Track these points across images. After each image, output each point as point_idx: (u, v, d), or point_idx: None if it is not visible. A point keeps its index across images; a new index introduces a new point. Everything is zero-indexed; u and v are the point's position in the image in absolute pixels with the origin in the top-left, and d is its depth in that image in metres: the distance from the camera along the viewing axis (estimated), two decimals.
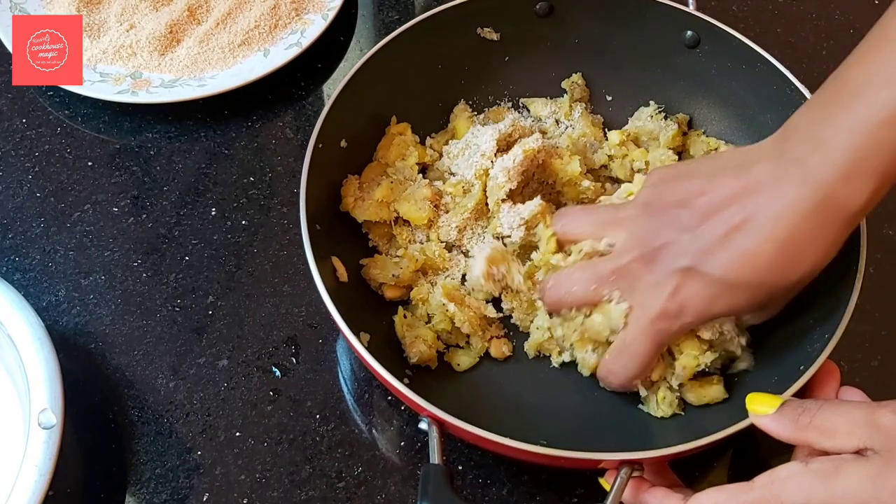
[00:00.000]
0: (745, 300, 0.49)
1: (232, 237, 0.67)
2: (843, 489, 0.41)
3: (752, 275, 0.48)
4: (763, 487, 0.43)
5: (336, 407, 0.60)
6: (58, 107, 0.75)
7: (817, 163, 0.46)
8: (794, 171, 0.46)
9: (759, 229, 0.47)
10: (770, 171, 0.48)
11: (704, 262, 0.48)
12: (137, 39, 0.75)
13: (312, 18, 0.77)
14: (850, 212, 0.46)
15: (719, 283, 0.48)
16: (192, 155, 0.72)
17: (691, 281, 0.49)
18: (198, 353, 0.62)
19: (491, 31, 0.69)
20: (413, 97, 0.68)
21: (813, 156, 0.46)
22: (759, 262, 0.47)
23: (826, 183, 0.46)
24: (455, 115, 0.68)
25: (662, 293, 0.50)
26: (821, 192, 0.46)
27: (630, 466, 0.48)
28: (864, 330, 0.62)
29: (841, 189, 0.45)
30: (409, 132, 0.66)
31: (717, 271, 0.48)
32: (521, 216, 0.58)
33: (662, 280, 0.50)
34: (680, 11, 0.66)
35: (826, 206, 0.46)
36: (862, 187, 0.45)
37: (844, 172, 0.45)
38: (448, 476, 0.47)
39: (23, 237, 0.67)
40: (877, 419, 0.42)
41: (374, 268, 0.60)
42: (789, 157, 0.47)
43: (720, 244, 0.48)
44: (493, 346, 0.59)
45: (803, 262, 0.47)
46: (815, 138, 0.46)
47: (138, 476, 0.57)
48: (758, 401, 0.47)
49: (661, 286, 0.50)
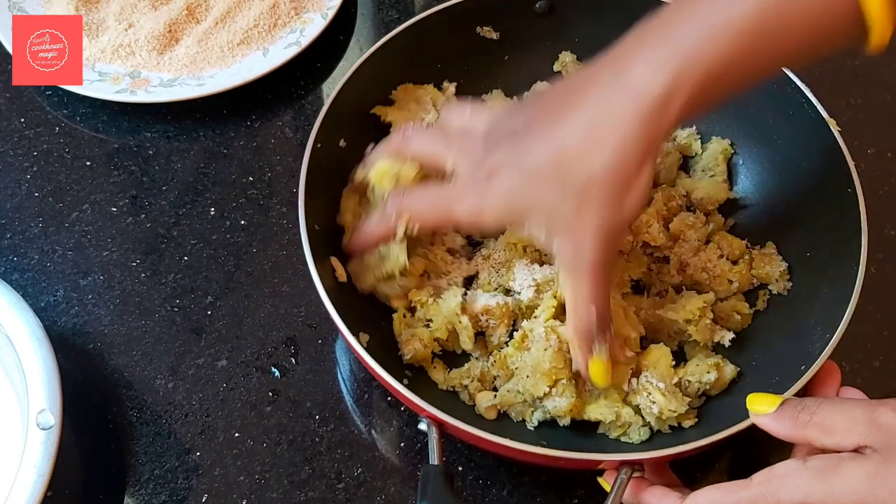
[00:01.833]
0: (541, 195, 0.46)
1: (231, 237, 0.67)
2: (842, 487, 0.41)
3: (546, 158, 0.46)
4: (761, 485, 0.43)
5: (335, 408, 0.60)
6: (56, 106, 0.74)
7: (630, 56, 0.45)
8: (612, 63, 0.46)
9: (563, 116, 0.46)
10: (590, 72, 0.47)
11: (519, 153, 0.47)
12: (136, 38, 0.75)
13: (312, 17, 0.77)
14: (645, 97, 0.43)
15: (522, 172, 0.47)
16: (190, 154, 0.72)
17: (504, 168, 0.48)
18: (197, 353, 0.62)
19: (490, 30, 0.69)
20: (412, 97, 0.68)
21: (630, 50, 0.45)
22: (554, 145, 0.46)
23: (625, 64, 0.44)
24: None
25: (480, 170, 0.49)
26: (618, 70, 0.45)
27: (630, 467, 0.48)
28: (866, 331, 0.62)
29: (638, 70, 0.44)
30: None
31: (524, 161, 0.47)
32: (534, 277, 0.58)
33: (486, 160, 0.49)
34: None
35: (620, 85, 0.44)
36: (656, 68, 0.43)
37: (645, 56, 0.44)
38: (448, 477, 0.47)
39: (21, 237, 0.67)
40: (876, 417, 0.42)
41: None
42: (617, 54, 0.46)
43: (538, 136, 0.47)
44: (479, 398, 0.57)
45: (594, 152, 0.45)
46: (636, 37, 0.46)
47: (137, 477, 0.57)
48: (758, 401, 0.47)
49: (482, 163, 0.49)
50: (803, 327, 0.56)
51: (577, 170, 0.45)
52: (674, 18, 0.45)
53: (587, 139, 0.45)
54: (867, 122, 0.73)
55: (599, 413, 0.54)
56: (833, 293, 0.54)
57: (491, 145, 0.50)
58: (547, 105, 0.49)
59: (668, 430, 0.54)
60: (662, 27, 0.45)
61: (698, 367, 0.55)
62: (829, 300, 0.54)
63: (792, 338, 0.56)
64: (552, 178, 0.46)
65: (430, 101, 0.66)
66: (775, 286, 0.60)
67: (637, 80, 0.44)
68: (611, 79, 0.45)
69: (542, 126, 0.47)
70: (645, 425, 0.54)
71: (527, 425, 0.55)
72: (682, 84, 0.43)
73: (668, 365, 0.54)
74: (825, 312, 0.54)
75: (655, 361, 0.55)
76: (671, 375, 0.54)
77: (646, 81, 0.43)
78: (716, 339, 0.58)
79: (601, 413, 0.54)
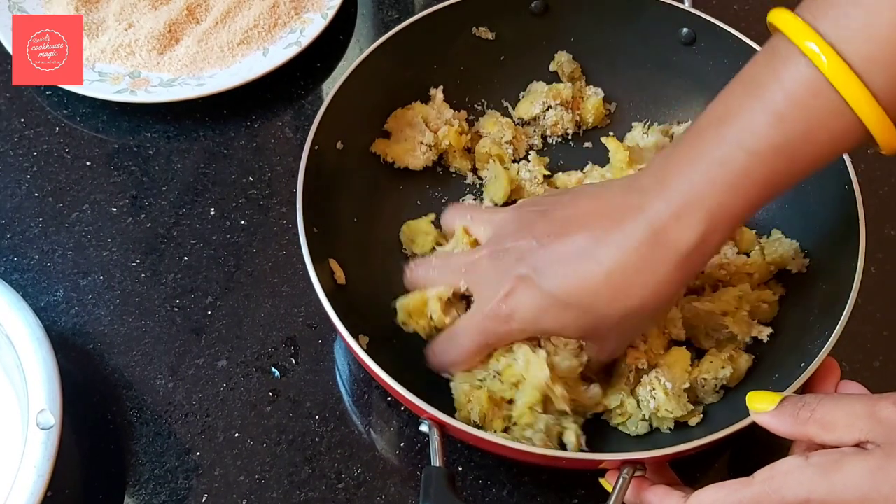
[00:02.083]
0: (571, 321, 0.49)
1: (231, 237, 0.67)
2: (844, 482, 0.41)
3: (578, 296, 0.48)
4: (763, 482, 0.43)
5: (335, 408, 0.60)
6: (56, 106, 0.74)
7: (655, 196, 0.46)
8: (635, 202, 0.47)
9: (593, 254, 0.47)
10: (618, 200, 0.49)
11: (540, 274, 0.49)
12: (136, 38, 0.75)
13: (312, 17, 0.77)
14: (680, 251, 0.46)
15: (548, 298, 0.49)
16: (190, 154, 0.72)
17: (526, 288, 0.50)
18: (197, 353, 0.62)
19: (486, 31, 0.69)
20: (408, 98, 0.68)
21: (653, 190, 0.47)
22: (586, 286, 0.48)
23: (658, 218, 0.46)
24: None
25: (498, 293, 0.51)
26: (653, 226, 0.46)
27: (632, 466, 0.48)
28: (866, 331, 0.62)
29: (672, 225, 0.46)
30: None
31: (548, 285, 0.49)
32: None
33: (502, 280, 0.51)
34: (676, 9, 0.66)
35: (657, 240, 0.46)
36: (692, 225, 0.46)
37: (676, 209, 0.46)
38: (450, 478, 0.47)
39: (21, 237, 0.67)
40: (877, 412, 0.42)
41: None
42: (636, 188, 0.48)
43: (558, 260, 0.49)
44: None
45: (631, 294, 0.47)
46: (661, 173, 0.47)
47: (137, 477, 0.57)
48: (757, 398, 0.47)
49: (498, 286, 0.51)
50: (803, 325, 0.56)
51: (614, 306, 0.48)
52: (690, 158, 0.46)
53: (623, 283, 0.47)
54: None
55: (606, 399, 0.54)
56: (832, 291, 0.54)
57: (504, 264, 0.51)
58: (561, 228, 0.50)
59: (668, 429, 0.54)
60: (682, 170, 0.46)
61: (713, 364, 0.55)
62: (829, 298, 0.54)
63: (791, 335, 0.56)
64: (583, 309, 0.48)
65: (420, 120, 0.66)
66: (793, 265, 0.60)
67: (672, 238, 0.46)
68: (640, 226, 0.47)
69: (568, 251, 0.49)
70: (645, 420, 0.54)
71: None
72: (712, 235, 0.46)
73: (684, 369, 0.54)
74: (824, 310, 0.54)
75: (672, 362, 0.55)
76: (683, 379, 0.54)
77: (680, 239, 0.46)
78: (753, 334, 0.57)
79: (608, 399, 0.54)
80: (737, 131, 0.44)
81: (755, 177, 0.45)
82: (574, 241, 0.49)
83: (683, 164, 0.46)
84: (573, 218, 0.50)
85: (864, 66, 0.41)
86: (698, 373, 0.55)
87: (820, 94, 0.42)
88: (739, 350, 0.57)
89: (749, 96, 0.45)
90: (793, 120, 0.43)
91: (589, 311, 0.48)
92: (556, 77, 0.71)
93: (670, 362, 0.55)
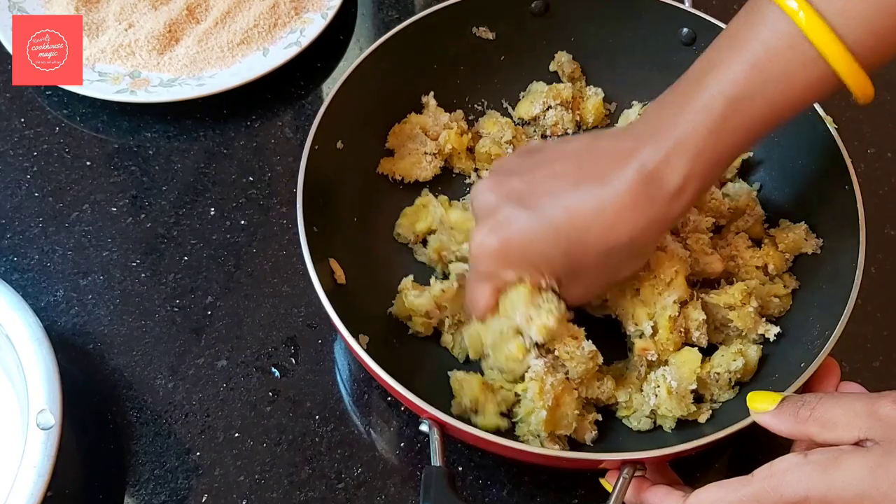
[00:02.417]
0: (560, 253, 0.51)
1: (231, 237, 0.67)
2: (843, 480, 0.41)
3: (570, 225, 0.50)
4: (762, 480, 0.43)
5: (335, 408, 0.60)
6: (56, 106, 0.74)
7: (646, 140, 0.49)
8: (628, 145, 0.50)
9: (587, 188, 0.50)
10: (609, 143, 0.51)
11: (537, 203, 0.51)
12: (136, 38, 0.75)
13: (312, 17, 0.77)
14: (668, 190, 0.49)
15: (543, 225, 0.50)
16: (190, 154, 0.72)
17: (521, 212, 0.51)
18: (197, 353, 0.62)
19: (486, 31, 0.69)
20: (409, 98, 0.68)
21: (645, 135, 0.50)
22: (581, 217, 0.50)
23: (650, 159, 0.49)
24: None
25: (496, 217, 0.52)
26: (644, 167, 0.49)
27: (632, 466, 0.48)
28: (866, 331, 0.62)
29: (661, 167, 0.48)
30: (431, 204, 0.64)
31: (544, 212, 0.50)
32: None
33: (499, 205, 0.52)
34: (676, 9, 0.66)
35: (649, 181, 0.49)
36: (678, 167, 0.48)
37: (665, 151, 0.48)
38: (450, 478, 0.47)
39: (21, 237, 0.67)
40: (877, 410, 0.42)
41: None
42: (629, 135, 0.51)
43: (555, 192, 0.51)
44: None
45: (621, 230, 0.49)
46: (652, 121, 0.50)
47: (137, 477, 0.57)
48: (758, 399, 0.47)
49: (495, 210, 0.52)
50: (803, 325, 0.56)
51: (604, 241, 0.50)
52: (677, 106, 0.49)
53: (614, 219, 0.49)
54: (867, 122, 0.73)
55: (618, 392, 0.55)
56: (832, 292, 0.54)
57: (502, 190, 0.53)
58: (563, 164, 0.52)
59: (670, 429, 0.54)
60: (670, 117, 0.49)
61: (724, 358, 0.55)
62: (829, 299, 0.54)
63: (791, 336, 0.56)
64: (573, 241, 0.50)
65: (419, 131, 0.67)
66: (807, 247, 0.59)
67: (662, 179, 0.49)
68: (633, 168, 0.49)
69: (562, 185, 0.51)
70: (649, 416, 0.54)
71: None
72: (696, 177, 0.49)
73: (692, 370, 0.54)
74: (824, 311, 0.54)
75: (682, 362, 0.54)
76: (690, 380, 0.54)
77: (668, 180, 0.49)
78: (760, 331, 0.57)
79: (619, 392, 0.55)
80: (718, 80, 0.47)
81: (734, 122, 0.47)
82: (570, 178, 0.51)
83: (671, 112, 0.49)
84: (569, 158, 0.52)
85: (838, 21, 0.44)
86: (710, 367, 0.55)
87: (795, 45, 0.45)
88: (747, 342, 0.56)
89: (730, 48, 0.48)
90: (770, 69, 0.46)
91: (578, 244, 0.50)
92: (557, 77, 0.71)
93: (680, 362, 0.54)
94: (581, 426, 0.54)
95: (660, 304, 0.55)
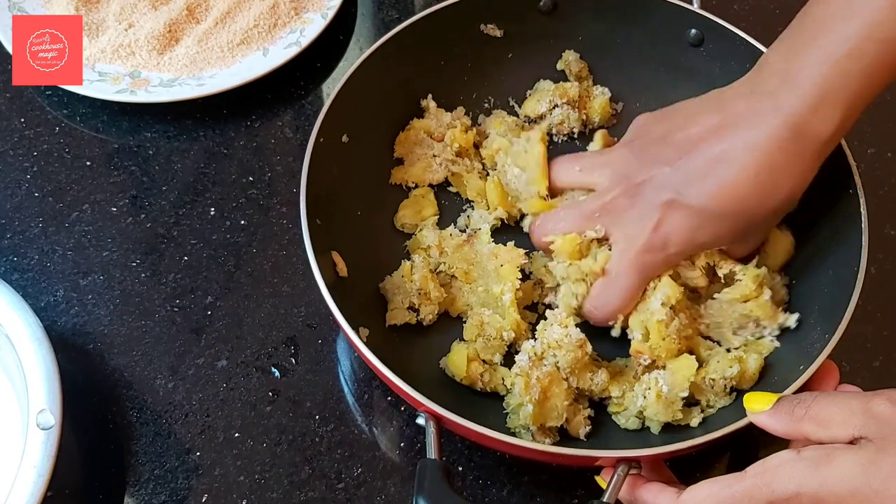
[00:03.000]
0: (727, 229, 0.51)
1: (231, 237, 0.67)
2: (835, 476, 0.41)
3: (731, 204, 0.50)
4: (755, 476, 0.43)
5: (335, 408, 0.60)
6: (56, 106, 0.74)
7: (787, 95, 0.49)
8: (767, 104, 0.49)
9: (737, 160, 0.50)
10: (744, 105, 0.51)
11: (686, 194, 0.51)
12: (136, 38, 0.75)
13: (312, 17, 0.77)
14: (821, 140, 0.49)
15: (701, 214, 0.51)
16: (190, 154, 0.72)
17: (674, 213, 0.51)
18: (197, 353, 0.62)
19: (494, 28, 0.69)
20: (416, 94, 0.68)
21: (783, 89, 0.49)
22: (737, 192, 0.50)
23: (796, 113, 0.48)
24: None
25: (647, 226, 0.52)
26: (792, 122, 0.48)
27: (627, 464, 0.48)
28: (866, 331, 0.62)
29: (810, 118, 0.48)
30: (431, 195, 0.65)
31: (699, 202, 0.50)
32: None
33: (646, 213, 0.52)
34: (684, 10, 0.66)
35: (797, 135, 0.49)
36: (830, 116, 0.48)
37: (813, 103, 0.48)
38: (445, 471, 0.46)
39: (21, 237, 0.67)
40: (871, 407, 0.43)
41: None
42: (761, 91, 0.50)
43: (700, 176, 0.51)
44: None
45: (780, 190, 0.50)
46: (784, 72, 0.49)
47: (137, 477, 0.57)
48: (754, 399, 0.47)
49: (644, 219, 0.52)
50: (803, 326, 0.56)
51: (766, 205, 0.51)
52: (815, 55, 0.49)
53: (770, 182, 0.50)
54: (867, 122, 0.73)
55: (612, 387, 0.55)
56: (833, 294, 0.54)
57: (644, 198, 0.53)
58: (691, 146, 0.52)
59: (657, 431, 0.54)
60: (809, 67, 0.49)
61: (719, 364, 0.54)
62: (829, 300, 0.54)
63: (791, 338, 0.56)
64: (736, 216, 0.51)
65: (424, 136, 0.66)
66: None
67: (812, 130, 0.49)
68: (778, 125, 0.49)
69: (709, 161, 0.51)
70: (638, 417, 0.54)
71: None
72: (847, 121, 0.49)
73: (686, 378, 0.53)
74: (825, 313, 0.54)
75: (677, 368, 0.54)
76: (682, 388, 0.53)
77: (820, 130, 0.49)
78: (779, 321, 0.56)
79: (613, 387, 0.55)
80: (863, 25, 0.47)
81: (885, 63, 0.48)
82: (710, 154, 0.50)
83: (808, 61, 0.49)
84: (695, 133, 0.52)
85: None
86: (705, 373, 0.54)
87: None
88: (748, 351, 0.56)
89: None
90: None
91: (741, 216, 0.51)
92: (564, 76, 0.71)
93: (675, 368, 0.54)
94: (574, 420, 0.54)
95: (646, 308, 0.55)
